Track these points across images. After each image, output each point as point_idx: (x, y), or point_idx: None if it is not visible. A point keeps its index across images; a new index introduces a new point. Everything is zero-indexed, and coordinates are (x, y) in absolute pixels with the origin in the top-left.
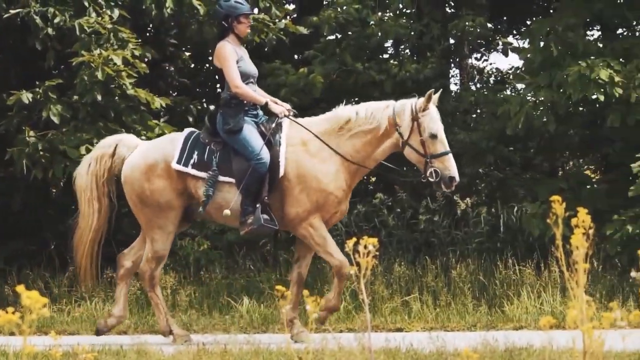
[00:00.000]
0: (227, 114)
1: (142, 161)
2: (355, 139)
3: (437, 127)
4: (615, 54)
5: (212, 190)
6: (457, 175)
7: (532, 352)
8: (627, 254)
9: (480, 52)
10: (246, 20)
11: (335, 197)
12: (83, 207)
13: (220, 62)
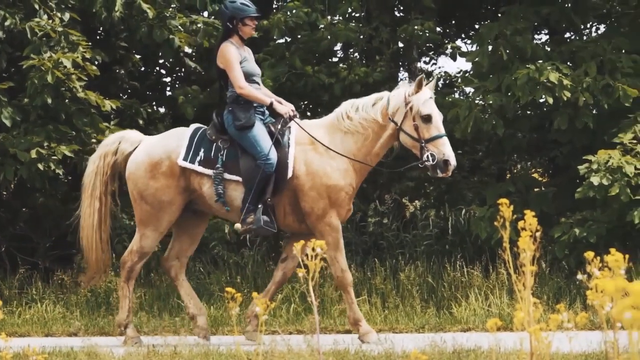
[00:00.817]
0: (237, 110)
1: (147, 159)
2: (357, 136)
3: (429, 110)
4: (563, 58)
5: (221, 187)
6: (452, 159)
7: (480, 353)
8: (574, 256)
9: (429, 56)
10: (251, 22)
11: (346, 194)
12: (84, 206)
13: (224, 63)
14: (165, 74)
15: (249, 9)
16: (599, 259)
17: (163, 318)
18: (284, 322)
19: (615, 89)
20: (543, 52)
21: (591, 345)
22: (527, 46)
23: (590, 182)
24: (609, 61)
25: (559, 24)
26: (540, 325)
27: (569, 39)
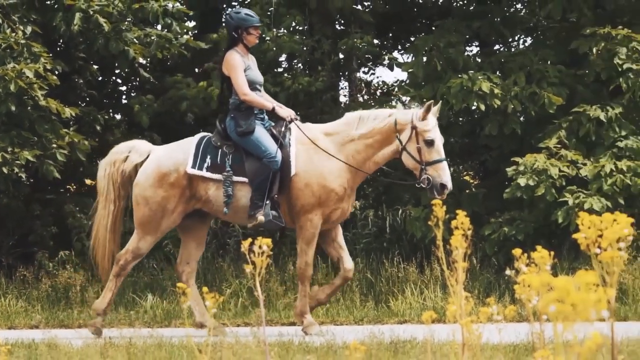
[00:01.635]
0: (238, 117)
1: (157, 170)
2: (359, 143)
3: (433, 135)
4: (493, 68)
5: (231, 189)
6: (449, 183)
7: (415, 344)
8: (503, 253)
9: (368, 67)
10: (255, 31)
11: (336, 194)
12: (99, 208)
13: (228, 70)
14: (121, 83)
15: (253, 19)
16: (526, 255)
17: (119, 312)
18: (232, 316)
19: (541, 97)
20: (474, 63)
21: (519, 336)
22: (459, 57)
23: (518, 183)
24: (536, 71)
25: (489, 36)
26: (471, 317)
27: (498, 50)
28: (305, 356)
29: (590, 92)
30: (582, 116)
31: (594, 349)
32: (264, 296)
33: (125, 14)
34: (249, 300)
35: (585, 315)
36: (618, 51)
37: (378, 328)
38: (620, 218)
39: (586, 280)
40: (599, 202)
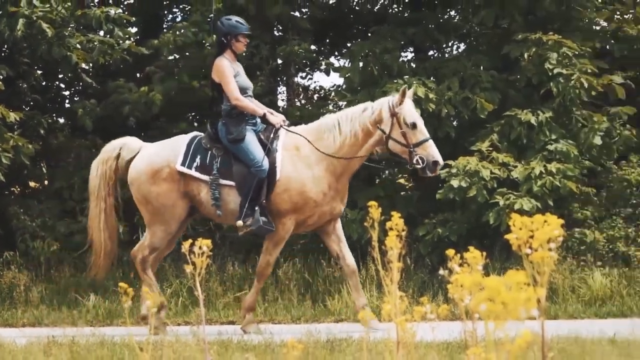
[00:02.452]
0: (230, 123)
1: (148, 166)
2: (341, 141)
3: (415, 117)
4: (427, 74)
5: (217, 192)
6: (440, 159)
7: (351, 342)
8: (436, 253)
9: (305, 72)
10: (244, 39)
11: (314, 202)
12: (91, 207)
13: (219, 76)
14: (65, 87)
15: (243, 26)
16: (459, 256)
17: (62, 311)
18: (173, 315)
19: (474, 101)
20: (409, 69)
21: (452, 334)
22: (395, 63)
23: (450, 185)
24: (469, 76)
25: (423, 42)
26: (405, 316)
27: (432, 56)
28: (244, 354)
29: (521, 96)
30: (513, 120)
31: (524, 347)
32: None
33: (68, 20)
34: (189, 300)
35: (515, 313)
36: (549, 56)
37: (315, 327)
38: (551, 219)
39: (516, 280)
40: (529, 203)
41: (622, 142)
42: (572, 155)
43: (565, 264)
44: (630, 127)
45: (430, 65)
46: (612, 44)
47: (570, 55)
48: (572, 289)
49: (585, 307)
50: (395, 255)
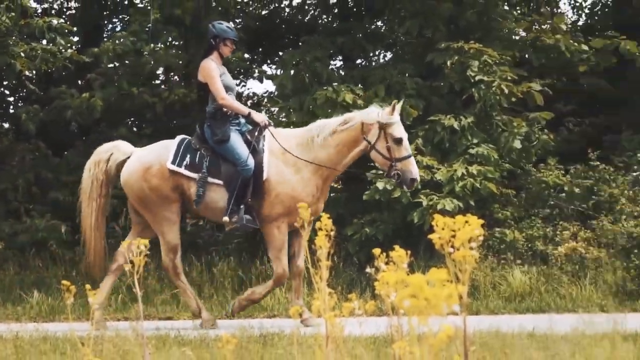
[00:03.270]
0: (214, 125)
1: (139, 165)
2: (329, 148)
3: (402, 133)
4: (355, 81)
5: (202, 190)
6: (417, 176)
7: (283, 336)
8: (364, 252)
9: (239, 79)
10: (231, 44)
11: (305, 204)
12: (83, 207)
13: (205, 77)
14: (9, 94)
15: (231, 32)
16: (385, 254)
17: (6, 307)
18: (113, 311)
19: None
20: (338, 76)
21: (379, 329)
22: (324, 71)
23: (376, 186)
24: (395, 83)
25: (352, 51)
26: (334, 312)
27: (360, 64)
28: (181, 348)
29: (444, 102)
30: (437, 125)
31: (446, 340)
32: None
33: (12, 29)
34: (129, 297)
35: (438, 309)
36: (470, 64)
37: (248, 322)
38: (472, 219)
39: (438, 277)
40: (451, 204)
41: (540, 146)
42: (492, 158)
43: (486, 262)
44: (547, 131)
45: (358, 73)
46: (531, 53)
47: (491, 63)
48: (493, 285)
49: (505, 303)
50: (324, 254)
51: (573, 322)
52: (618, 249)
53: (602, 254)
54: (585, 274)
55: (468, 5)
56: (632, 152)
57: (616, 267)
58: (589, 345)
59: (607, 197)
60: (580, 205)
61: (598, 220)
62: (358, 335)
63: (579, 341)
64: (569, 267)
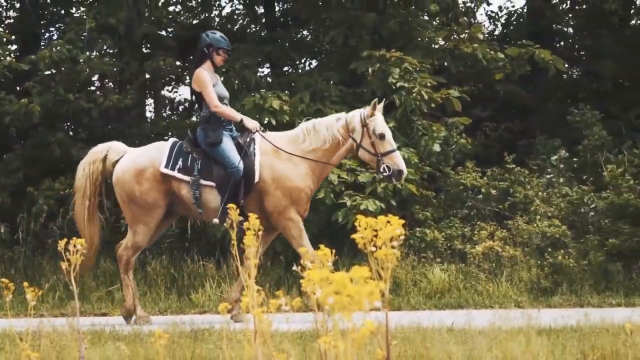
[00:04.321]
0: (208, 129)
1: (133, 166)
2: (317, 151)
3: (384, 129)
4: (282, 88)
5: (198, 192)
6: (404, 169)
7: (213, 332)
8: (291, 251)
9: (172, 85)
10: (224, 53)
11: (306, 194)
12: (77, 205)
13: (199, 86)
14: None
15: (224, 42)
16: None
17: None
18: (50, 307)
19: (325, 113)
20: (266, 83)
21: (305, 324)
22: (253, 78)
23: None
24: (320, 90)
25: (279, 59)
26: (262, 308)
27: (287, 71)
28: (116, 343)
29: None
30: None
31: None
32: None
33: None
34: (65, 294)
35: (360, 305)
36: (392, 71)
37: (180, 318)
38: (393, 220)
39: (361, 275)
40: (373, 204)
41: (459, 150)
42: (413, 161)
43: (408, 260)
44: (465, 136)
45: (284, 80)
46: (450, 61)
47: (411, 71)
48: (414, 282)
49: (425, 299)
50: (252, 253)
51: (490, 318)
52: (532, 248)
53: (517, 252)
54: (501, 272)
55: (390, 16)
56: (545, 155)
57: (531, 265)
58: (505, 339)
59: (522, 199)
60: (496, 206)
61: (513, 220)
62: (285, 330)
63: (496, 336)
64: (486, 265)
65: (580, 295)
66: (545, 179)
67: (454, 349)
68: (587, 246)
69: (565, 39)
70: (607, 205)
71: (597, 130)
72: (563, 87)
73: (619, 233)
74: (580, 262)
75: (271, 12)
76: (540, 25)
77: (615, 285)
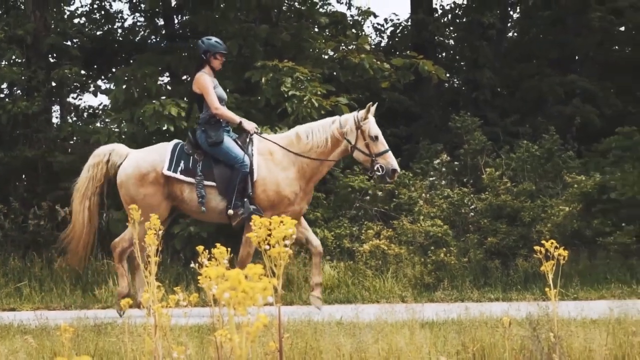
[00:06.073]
0: (209, 129)
1: (136, 170)
2: (312, 153)
3: (377, 131)
4: (180, 95)
5: (203, 191)
6: (398, 168)
7: (116, 326)
8: (189, 249)
9: (77, 93)
10: (221, 57)
11: (288, 200)
12: (75, 204)
13: (200, 89)
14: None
15: (221, 46)
16: (208, 251)
17: None
18: None
19: None
20: (165, 91)
21: (203, 319)
22: (153, 86)
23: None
24: None
25: (177, 68)
26: (162, 303)
27: (185, 80)
28: (23, 336)
29: (262, 115)
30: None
31: (261, 328)
32: None
33: None
34: None
35: (254, 300)
36: (284, 80)
37: (85, 312)
38: (286, 220)
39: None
40: None
41: None
42: None
43: (299, 258)
44: None
45: (183, 88)
46: (339, 70)
47: (302, 80)
48: (305, 279)
49: None
50: (153, 251)
51: (376, 312)
52: (416, 246)
53: (402, 250)
54: (387, 269)
55: (283, 28)
56: (428, 159)
57: (415, 262)
58: (391, 332)
59: (406, 200)
60: (382, 207)
61: (399, 220)
62: (184, 324)
63: (382, 328)
64: (373, 262)
65: (461, 291)
66: (428, 181)
67: (342, 341)
68: (468, 244)
69: (446, 50)
70: (485, 206)
71: (477, 136)
72: (445, 95)
73: (497, 232)
74: (461, 259)
75: (171, 24)
76: (423, 37)
77: (494, 281)
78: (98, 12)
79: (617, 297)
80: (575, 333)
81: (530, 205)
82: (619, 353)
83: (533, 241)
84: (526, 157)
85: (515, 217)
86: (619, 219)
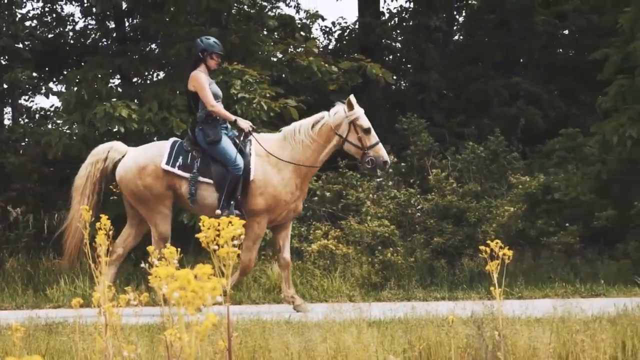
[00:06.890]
0: (207, 128)
1: (134, 164)
2: (306, 148)
3: (369, 124)
4: (131, 97)
5: (194, 188)
6: (388, 159)
7: (67, 325)
8: (139, 248)
9: (29, 95)
10: (217, 58)
11: (285, 202)
12: (74, 203)
13: (196, 87)
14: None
15: (218, 46)
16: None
17: None
18: None
19: (170, 121)
20: (116, 93)
21: (153, 318)
22: (104, 88)
23: None
24: (166, 100)
25: (128, 70)
26: (112, 303)
27: (136, 82)
28: None
29: None
30: None
31: (210, 327)
32: None
33: None
34: None
35: (203, 300)
36: (234, 83)
37: (36, 312)
38: (235, 221)
39: (204, 272)
40: None
41: None
42: None
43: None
44: None
45: (133, 90)
46: (287, 73)
47: (252, 82)
48: (254, 278)
49: (265, 294)
50: (103, 251)
51: (325, 311)
52: (364, 246)
53: (350, 250)
54: (335, 268)
55: (232, 31)
56: None
57: (362, 261)
58: (339, 331)
59: (354, 200)
60: (330, 208)
61: (346, 220)
62: (134, 323)
63: (330, 327)
64: (321, 262)
65: (408, 290)
66: (375, 182)
67: (291, 340)
68: (414, 244)
69: (393, 53)
70: (432, 207)
71: (424, 137)
72: (392, 97)
73: (443, 232)
74: (408, 259)
75: (121, 27)
76: (370, 40)
77: (440, 280)
78: (49, 15)
79: (561, 296)
80: (519, 331)
81: (476, 206)
82: (563, 351)
83: (478, 241)
84: (472, 158)
85: (461, 217)
86: (563, 219)
